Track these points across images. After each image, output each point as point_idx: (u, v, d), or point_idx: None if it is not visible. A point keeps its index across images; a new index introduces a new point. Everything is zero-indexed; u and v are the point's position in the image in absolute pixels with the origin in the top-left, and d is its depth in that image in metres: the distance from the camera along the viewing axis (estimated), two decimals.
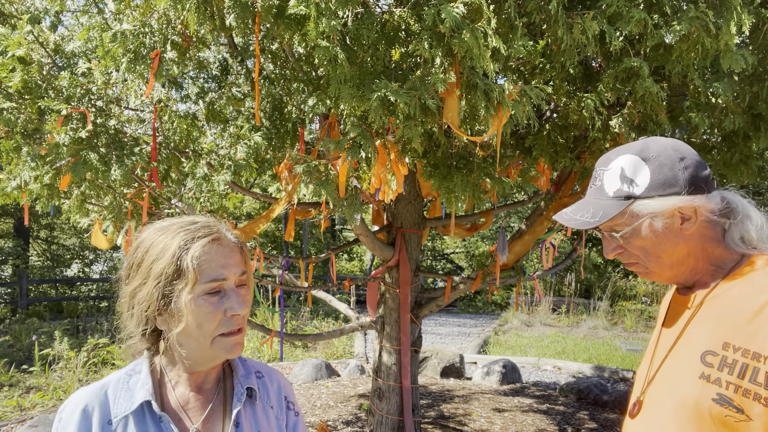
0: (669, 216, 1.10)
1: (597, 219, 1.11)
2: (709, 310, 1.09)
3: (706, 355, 1.05)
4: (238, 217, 12.07)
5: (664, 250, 1.12)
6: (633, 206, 1.11)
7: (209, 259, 1.02)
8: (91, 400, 1.03)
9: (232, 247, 1.07)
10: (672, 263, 1.13)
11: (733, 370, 1.00)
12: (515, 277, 3.99)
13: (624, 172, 1.12)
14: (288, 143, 2.96)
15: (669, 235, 1.11)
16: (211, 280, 1.02)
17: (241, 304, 1.04)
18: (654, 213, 1.10)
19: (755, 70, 2.67)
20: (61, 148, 2.61)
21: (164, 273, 1.01)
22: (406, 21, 2.25)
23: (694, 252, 1.13)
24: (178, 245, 1.02)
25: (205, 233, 1.05)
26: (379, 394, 4.03)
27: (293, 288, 3.98)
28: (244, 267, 1.07)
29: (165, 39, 2.39)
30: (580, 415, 5.38)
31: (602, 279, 14.17)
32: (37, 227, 16.14)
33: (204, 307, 1.01)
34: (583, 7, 2.41)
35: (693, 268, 1.14)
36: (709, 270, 1.13)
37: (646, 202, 1.10)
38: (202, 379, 1.10)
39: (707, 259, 1.13)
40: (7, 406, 5.50)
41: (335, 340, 8.71)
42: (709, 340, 1.06)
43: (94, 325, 9.74)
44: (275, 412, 1.17)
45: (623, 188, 1.12)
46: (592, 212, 1.13)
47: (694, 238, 1.12)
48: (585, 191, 3.68)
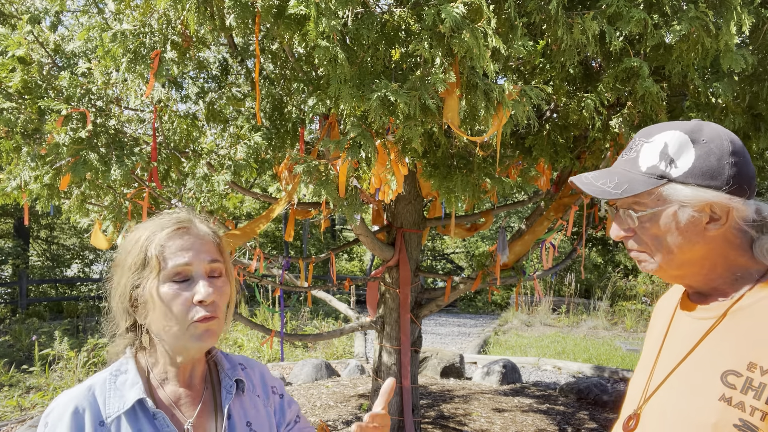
0: (698, 210, 0.97)
1: (620, 191, 0.99)
2: (732, 324, 0.96)
3: (727, 374, 0.92)
4: (238, 217, 12.07)
5: (680, 246, 0.99)
6: (664, 188, 0.98)
7: (172, 245, 1.05)
8: (81, 401, 1.02)
9: (202, 236, 1.09)
10: (682, 262, 1.01)
11: (760, 395, 0.88)
12: (515, 277, 3.99)
13: (667, 148, 1.00)
14: (288, 143, 2.96)
15: (690, 231, 0.99)
16: (174, 265, 1.03)
17: (207, 289, 1.03)
18: (684, 202, 0.98)
19: (755, 70, 2.67)
20: (61, 148, 2.61)
21: (134, 264, 1.05)
22: (406, 21, 2.25)
23: (711, 256, 1.00)
24: (146, 236, 1.06)
25: (170, 223, 1.07)
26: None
27: (293, 288, 3.98)
28: (215, 255, 1.08)
29: (165, 39, 2.39)
30: (580, 415, 5.38)
31: (602, 279, 14.18)
32: (37, 227, 16.14)
33: (169, 294, 1.03)
34: (583, 7, 2.41)
35: (707, 274, 1.02)
36: (730, 278, 1.00)
37: (680, 187, 0.98)
38: (189, 375, 1.11)
39: (728, 267, 1.00)
40: (7, 406, 5.50)
41: (335, 340, 8.71)
42: (732, 358, 0.93)
43: (94, 325, 9.74)
44: (262, 400, 1.20)
45: (660, 166, 0.99)
46: (617, 183, 1.01)
47: (716, 242, 1.00)
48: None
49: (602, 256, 14.86)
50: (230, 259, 1.15)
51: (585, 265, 14.55)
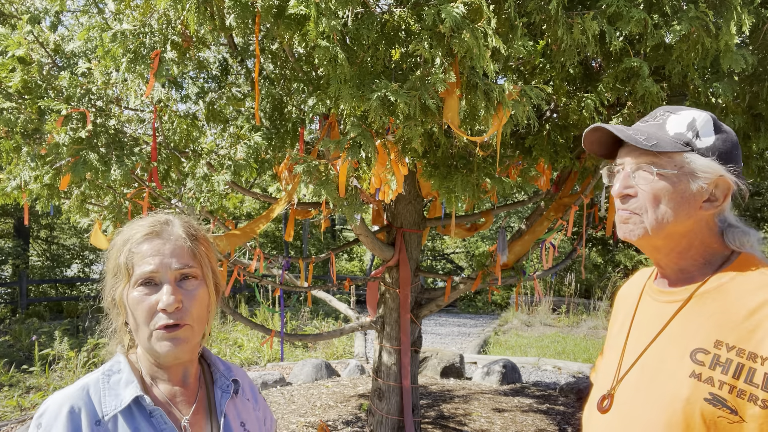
0: (706, 183, 1.06)
1: (651, 144, 1.06)
2: (698, 306, 1.05)
3: (696, 352, 1.00)
4: (238, 217, 12.07)
5: (677, 215, 1.07)
6: (686, 155, 1.06)
7: (140, 251, 1.04)
8: (76, 401, 1.01)
9: (173, 240, 1.07)
10: (669, 233, 1.08)
11: (728, 370, 0.96)
12: (515, 277, 3.99)
13: (695, 122, 1.08)
14: (288, 143, 2.96)
15: (690, 203, 1.06)
16: (140, 273, 1.03)
17: (169, 297, 1.02)
18: (699, 172, 1.06)
19: (755, 70, 2.67)
20: (61, 148, 2.61)
21: (112, 269, 1.07)
22: (406, 21, 2.25)
23: (690, 235, 1.09)
24: (121, 242, 1.07)
25: (143, 228, 1.07)
26: (379, 394, 4.03)
27: (293, 288, 3.98)
28: (187, 261, 1.06)
29: (165, 39, 2.39)
30: (580, 415, 5.38)
31: (602, 279, 14.17)
32: (37, 227, 16.14)
33: (134, 299, 1.03)
34: (583, 7, 2.41)
35: (681, 252, 1.10)
36: (699, 262, 1.09)
37: (700, 158, 1.06)
38: (182, 375, 1.11)
39: (701, 249, 1.09)
40: (7, 406, 5.50)
41: (335, 340, 8.71)
42: (700, 337, 1.01)
43: (94, 325, 9.73)
44: (251, 404, 1.21)
45: (686, 134, 1.07)
46: (647, 137, 1.08)
47: (701, 223, 1.08)
48: (585, 190, 3.68)
49: (602, 256, 14.86)
50: (214, 262, 1.13)
51: (585, 265, 14.55)
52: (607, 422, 1.11)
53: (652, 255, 1.14)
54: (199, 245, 1.10)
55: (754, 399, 0.93)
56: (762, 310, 0.97)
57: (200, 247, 1.10)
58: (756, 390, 0.93)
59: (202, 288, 1.08)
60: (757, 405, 0.93)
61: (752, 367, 0.94)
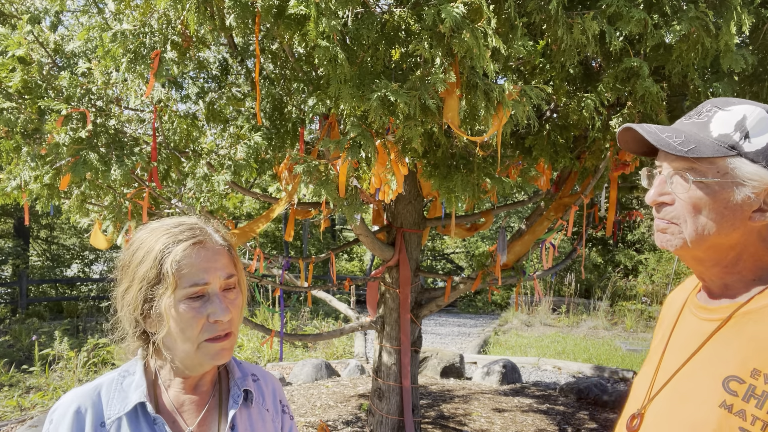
0: (756, 193, 0.92)
1: (686, 149, 0.93)
2: (738, 327, 0.93)
3: (729, 380, 0.90)
4: (238, 217, 12.06)
5: (720, 226, 0.94)
6: (731, 160, 0.92)
7: (190, 263, 1.00)
8: (84, 401, 1.02)
9: (218, 249, 1.05)
10: (712, 245, 0.96)
11: (762, 404, 0.85)
12: (515, 277, 3.99)
13: (745, 120, 0.93)
14: (288, 143, 2.96)
15: (736, 214, 0.94)
16: (192, 285, 1.00)
17: (224, 310, 1.01)
18: (746, 179, 0.92)
19: (755, 70, 2.67)
20: (61, 148, 2.61)
21: (147, 277, 1.01)
22: (406, 21, 2.25)
23: (739, 248, 0.96)
24: (159, 249, 1.01)
25: (187, 236, 1.03)
26: (379, 394, 4.03)
27: (293, 288, 3.98)
28: (231, 270, 1.05)
29: (165, 39, 2.39)
30: (580, 415, 5.38)
31: (602, 279, 14.17)
32: (37, 227, 16.14)
33: (186, 313, 1.00)
34: (583, 7, 2.41)
35: (728, 266, 0.97)
36: (747, 278, 0.97)
37: (748, 164, 0.92)
38: (196, 382, 1.09)
39: (751, 264, 0.97)
40: (7, 406, 5.50)
41: (335, 340, 8.71)
42: (736, 363, 0.90)
43: (94, 325, 9.74)
44: (271, 415, 1.17)
45: (733, 136, 0.93)
46: (684, 140, 0.95)
47: (752, 234, 0.95)
48: (585, 190, 3.68)
49: (602, 256, 14.87)
50: (242, 266, 1.12)
51: (585, 265, 14.55)
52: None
53: (694, 267, 1.03)
54: (233, 251, 1.09)
55: None
56: None
57: (234, 252, 1.09)
58: None
59: (240, 296, 1.07)
60: None
61: None
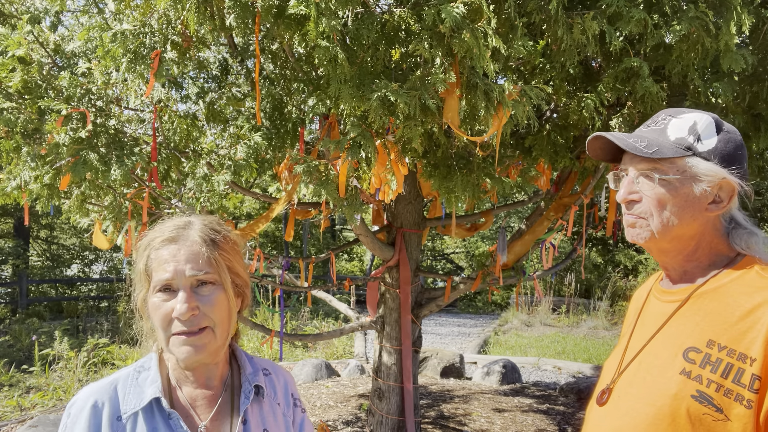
0: (710, 186, 1.07)
1: (651, 152, 1.07)
2: (696, 306, 1.08)
3: (689, 351, 1.03)
4: (238, 217, 12.07)
5: (682, 218, 1.08)
6: (688, 159, 1.08)
7: (157, 257, 1.05)
8: (101, 395, 1.05)
9: (190, 245, 1.05)
10: (675, 236, 1.10)
11: (717, 369, 0.99)
12: (515, 277, 3.99)
13: (696, 125, 1.09)
14: (288, 143, 2.96)
15: (695, 206, 1.08)
16: (157, 280, 1.04)
17: (182, 305, 1.01)
18: (702, 175, 1.07)
19: (755, 70, 2.67)
20: (61, 148, 2.61)
21: (138, 273, 1.08)
22: (406, 21, 2.25)
23: (698, 237, 1.10)
24: (144, 246, 1.08)
25: (162, 233, 1.07)
26: (379, 394, 4.03)
27: (293, 288, 3.98)
28: (203, 267, 1.04)
29: (165, 39, 2.39)
30: (580, 415, 5.38)
31: (602, 279, 14.17)
32: (37, 227, 16.13)
33: (153, 306, 1.04)
34: (583, 7, 2.41)
35: (689, 254, 1.12)
36: (704, 264, 1.11)
37: (702, 162, 1.07)
38: (205, 377, 1.10)
39: (707, 251, 1.11)
40: (7, 406, 5.50)
41: (335, 340, 8.71)
42: (694, 336, 1.04)
43: (94, 325, 9.74)
44: (282, 409, 1.18)
45: (687, 139, 1.09)
46: (647, 144, 1.09)
47: (708, 225, 1.10)
48: (585, 190, 3.68)
49: (602, 256, 14.85)
50: (238, 263, 1.12)
51: (585, 265, 14.54)
52: (603, 414, 1.15)
53: (659, 258, 1.16)
54: (218, 249, 1.08)
55: (740, 399, 0.96)
56: (756, 312, 0.99)
57: (218, 251, 1.08)
58: (743, 390, 0.96)
59: (219, 293, 1.06)
60: (742, 405, 0.95)
61: (741, 368, 0.97)
